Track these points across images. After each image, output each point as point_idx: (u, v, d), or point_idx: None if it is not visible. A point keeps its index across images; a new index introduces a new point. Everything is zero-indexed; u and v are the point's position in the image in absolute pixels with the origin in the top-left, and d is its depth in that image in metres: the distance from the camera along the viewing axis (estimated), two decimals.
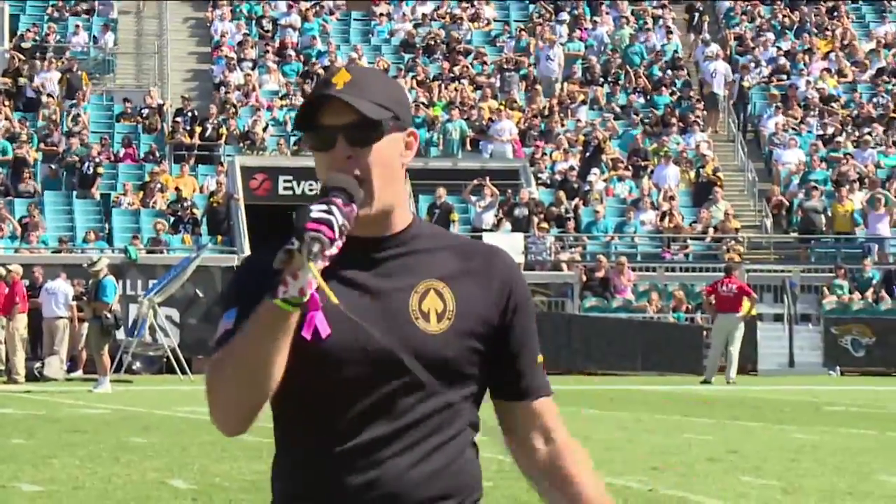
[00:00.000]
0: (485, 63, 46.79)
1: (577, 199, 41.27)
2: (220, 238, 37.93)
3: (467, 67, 46.18)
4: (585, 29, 49.06)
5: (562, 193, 41.02)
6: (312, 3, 47.77)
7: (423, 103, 43.57)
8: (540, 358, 3.82)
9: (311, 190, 39.74)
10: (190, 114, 42.11)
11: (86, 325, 32.21)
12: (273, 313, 3.45)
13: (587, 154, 43.15)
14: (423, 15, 48.22)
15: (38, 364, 32.69)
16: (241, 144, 41.23)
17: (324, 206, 3.42)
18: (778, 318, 39.11)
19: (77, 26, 45.25)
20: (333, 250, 3.41)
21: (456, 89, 44.83)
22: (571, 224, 40.38)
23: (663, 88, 46.67)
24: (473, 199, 40.50)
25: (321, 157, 3.61)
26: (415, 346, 3.58)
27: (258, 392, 3.55)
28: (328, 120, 3.58)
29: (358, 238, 3.56)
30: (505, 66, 46.66)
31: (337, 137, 3.57)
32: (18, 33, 44.90)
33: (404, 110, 3.67)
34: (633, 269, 38.95)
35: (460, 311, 3.63)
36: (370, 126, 3.57)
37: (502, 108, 44.06)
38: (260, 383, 3.53)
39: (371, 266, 3.63)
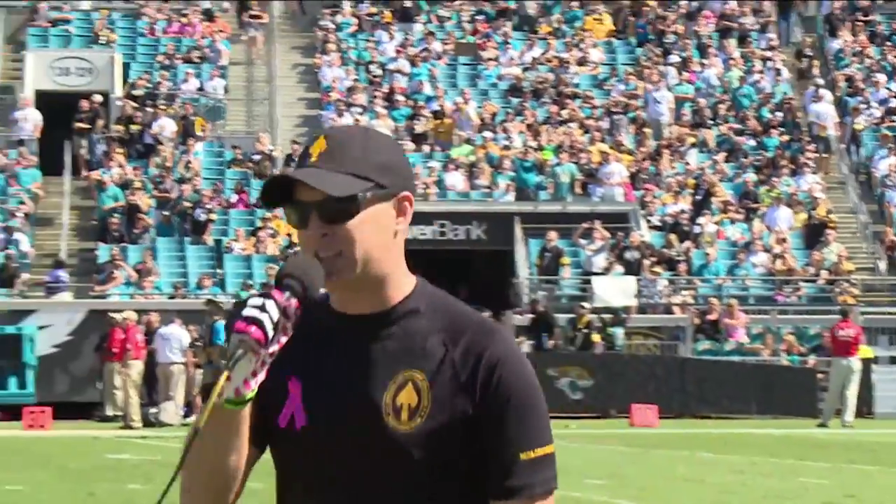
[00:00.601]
0: (593, 106, 46.74)
1: (688, 242, 41.20)
2: None
3: (575, 111, 46.18)
4: (694, 71, 48.95)
5: (673, 236, 40.98)
6: (420, 48, 47.91)
7: (532, 147, 43.65)
8: (533, 453, 3.31)
9: (421, 235, 39.92)
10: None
11: (200, 370, 32.46)
12: (217, 415, 3.23)
13: (697, 197, 43.07)
14: (532, 59, 48.24)
15: (153, 409, 32.93)
16: None
17: (259, 302, 3.15)
18: (894, 360, 38.84)
19: (188, 73, 45.58)
20: (273, 347, 3.18)
21: (565, 133, 44.84)
22: (683, 267, 40.30)
23: (773, 130, 46.48)
24: (583, 242, 40.48)
25: (298, 233, 3.36)
26: (382, 446, 3.30)
27: (216, 479, 3.38)
28: (301, 195, 3.28)
29: (348, 316, 3.36)
30: (613, 110, 46.63)
31: (310, 215, 3.28)
32: (129, 81, 45.26)
33: (392, 175, 3.34)
34: (746, 312, 38.79)
35: (434, 408, 3.29)
36: (344, 201, 3.27)
37: (611, 151, 44.02)
38: (218, 470, 3.37)
39: (357, 349, 3.36)
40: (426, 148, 43.87)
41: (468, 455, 3.30)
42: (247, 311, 3.15)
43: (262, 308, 3.15)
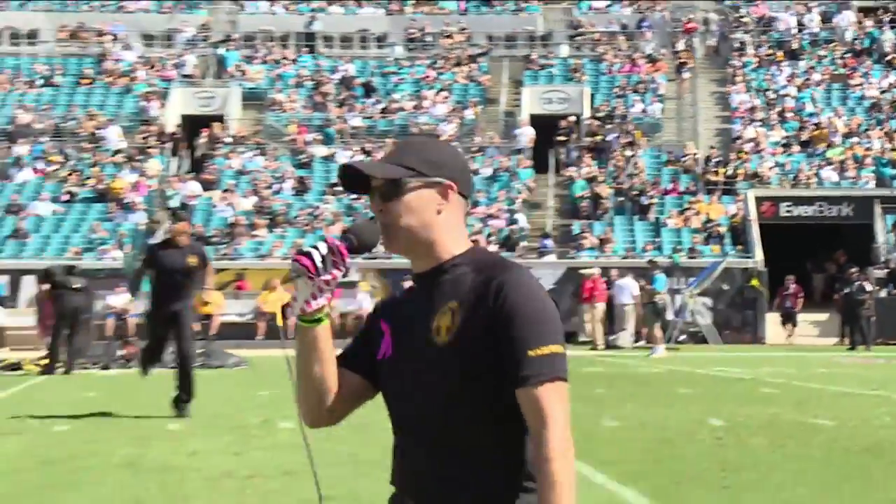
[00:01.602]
0: None
1: None
2: (739, 248, 37.58)
3: None
4: None
5: None
6: (804, 78, 46.80)
7: (888, 149, 42.14)
8: (539, 350, 3.13)
9: (805, 213, 39.08)
10: (716, 160, 41.91)
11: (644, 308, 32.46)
12: (297, 330, 3.24)
13: None
14: (889, 84, 46.48)
15: (612, 337, 33.08)
16: (753, 181, 40.73)
17: (314, 244, 3.17)
18: None
19: (635, 100, 45.53)
20: (326, 276, 3.16)
21: None
22: None
23: None
24: None
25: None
26: (427, 359, 3.19)
27: (307, 393, 3.29)
28: (373, 181, 3.24)
29: (416, 274, 3.28)
30: None
31: (374, 196, 3.24)
32: (594, 107, 45.48)
33: (436, 168, 3.23)
34: None
35: (461, 325, 3.16)
36: (391, 184, 3.20)
37: None
38: (305, 384, 3.28)
39: (421, 296, 3.26)
40: (808, 150, 42.84)
41: (490, 361, 3.14)
42: (304, 249, 3.17)
43: (315, 247, 3.16)
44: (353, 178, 3.28)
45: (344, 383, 3.33)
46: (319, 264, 3.16)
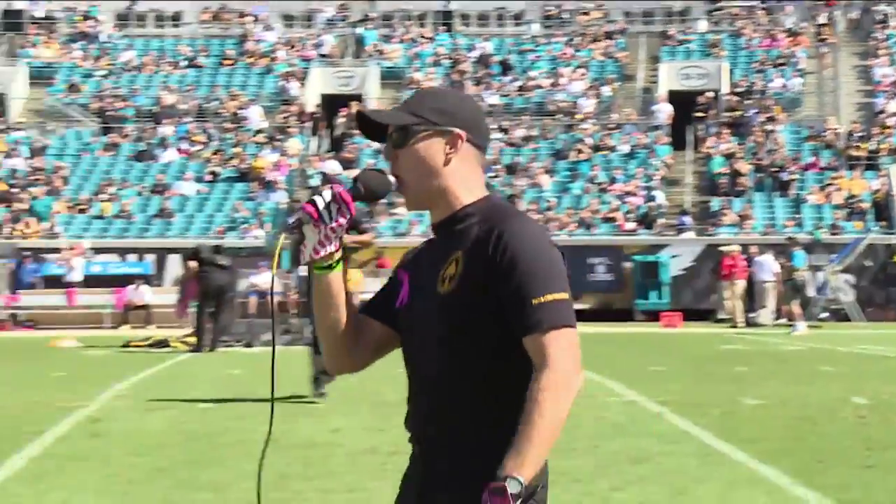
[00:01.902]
0: None
1: None
2: (882, 223, 36.88)
3: None
4: None
5: None
6: None
7: None
8: (543, 298, 3.07)
9: None
10: (858, 134, 41.14)
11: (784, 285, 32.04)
12: (314, 276, 3.28)
13: None
14: None
15: (752, 314, 32.72)
16: None
17: (320, 191, 3.20)
18: None
19: (775, 75, 44.89)
20: (332, 224, 3.18)
21: None
22: None
23: None
24: None
25: None
26: (433, 306, 3.19)
27: (324, 338, 3.34)
28: (388, 129, 3.25)
29: (433, 224, 3.28)
30: None
31: (388, 143, 3.25)
32: (733, 82, 44.91)
33: (446, 117, 3.22)
34: None
35: (464, 273, 3.15)
36: (401, 130, 3.21)
37: None
38: (322, 331, 3.33)
39: (436, 245, 3.28)
40: None
41: (491, 309, 3.11)
42: (311, 197, 3.18)
43: (320, 194, 3.17)
44: (370, 125, 3.28)
45: (366, 330, 3.37)
46: (323, 211, 3.18)
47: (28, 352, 23.87)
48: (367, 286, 34.18)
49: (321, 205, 3.18)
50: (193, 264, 23.53)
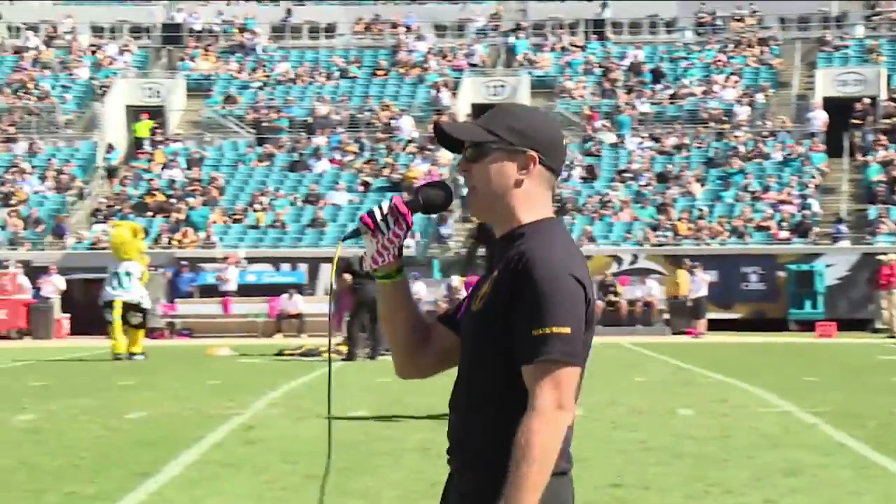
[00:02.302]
0: None
1: None
2: None
3: None
4: None
5: None
6: None
7: None
8: (542, 331, 3.04)
9: None
10: None
11: None
12: (380, 286, 3.34)
13: None
14: None
15: None
16: None
17: (379, 203, 3.27)
18: None
19: None
20: (388, 235, 3.26)
21: None
22: None
23: None
24: None
25: None
26: (470, 323, 3.22)
27: (394, 345, 3.38)
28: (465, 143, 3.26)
29: (496, 240, 3.29)
30: None
31: (463, 155, 3.25)
32: (891, 87, 44.02)
33: (522, 138, 3.20)
34: None
35: (491, 293, 3.15)
36: (476, 146, 3.20)
37: None
38: (392, 338, 3.36)
39: (491, 258, 3.33)
40: None
41: (509, 331, 3.11)
42: (371, 209, 3.27)
43: (378, 206, 3.25)
44: (447, 137, 3.28)
45: (437, 338, 3.40)
46: (380, 222, 3.25)
47: (185, 360, 24.33)
48: None
49: (378, 216, 3.26)
50: (347, 277, 23.78)
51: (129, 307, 23.87)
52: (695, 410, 13.71)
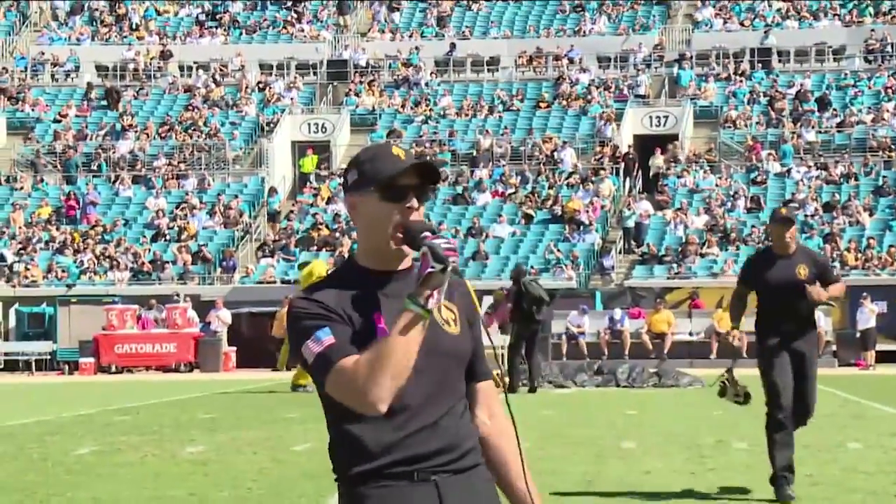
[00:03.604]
0: None
1: None
2: None
3: None
4: None
5: None
6: None
7: None
8: (489, 351, 3.62)
9: None
10: None
11: None
12: (420, 320, 3.35)
13: None
14: None
15: None
16: None
17: (445, 240, 3.36)
18: None
19: None
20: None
21: None
22: None
23: None
24: None
25: (389, 206, 3.51)
26: (446, 344, 3.52)
27: (402, 377, 3.40)
28: (404, 180, 3.48)
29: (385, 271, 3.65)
30: None
31: (424, 197, 3.50)
32: None
33: None
34: None
35: (461, 320, 3.59)
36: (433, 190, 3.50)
37: None
38: (404, 370, 3.39)
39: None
40: None
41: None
42: (446, 245, 3.34)
43: (450, 243, 3.37)
44: (434, 177, 3.51)
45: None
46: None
47: None
48: (678, 327, 34.05)
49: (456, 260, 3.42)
50: (513, 287, 23.95)
51: None
52: (864, 444, 13.42)
